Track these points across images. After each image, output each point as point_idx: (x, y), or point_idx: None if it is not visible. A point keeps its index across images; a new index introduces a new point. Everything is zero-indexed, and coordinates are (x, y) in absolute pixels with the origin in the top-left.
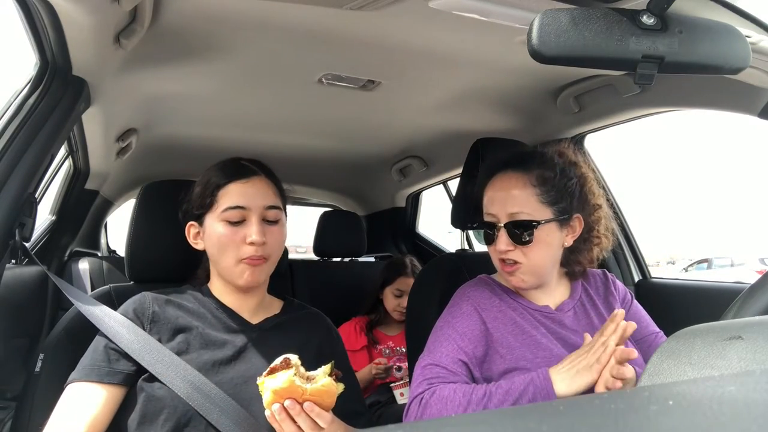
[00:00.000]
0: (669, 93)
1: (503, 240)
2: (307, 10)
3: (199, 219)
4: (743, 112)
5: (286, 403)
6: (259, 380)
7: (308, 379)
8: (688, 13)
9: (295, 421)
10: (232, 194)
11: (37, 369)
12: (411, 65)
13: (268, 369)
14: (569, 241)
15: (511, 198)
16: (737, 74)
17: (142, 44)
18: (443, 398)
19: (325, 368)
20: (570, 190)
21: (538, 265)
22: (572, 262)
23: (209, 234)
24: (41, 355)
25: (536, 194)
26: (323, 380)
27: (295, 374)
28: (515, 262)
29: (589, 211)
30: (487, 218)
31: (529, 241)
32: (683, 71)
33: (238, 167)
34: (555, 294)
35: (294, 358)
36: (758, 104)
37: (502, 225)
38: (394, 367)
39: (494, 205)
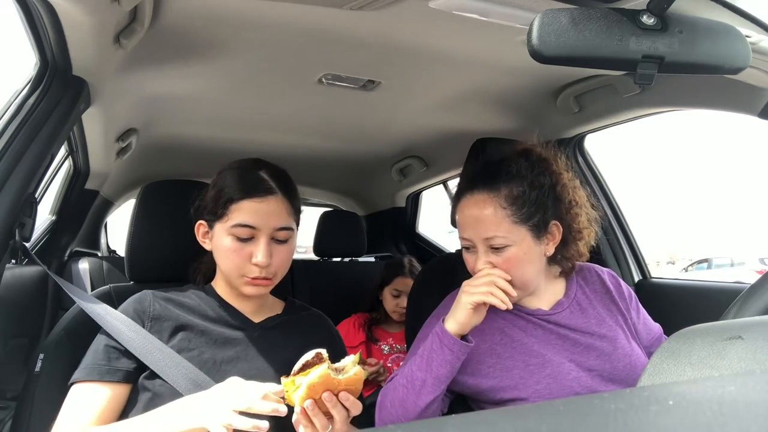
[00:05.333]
0: (669, 93)
1: (481, 263)
2: (307, 10)
3: (209, 223)
4: (743, 112)
5: (325, 395)
6: (287, 379)
7: (337, 370)
8: (688, 13)
9: (324, 413)
10: (244, 212)
11: (37, 369)
12: (411, 65)
13: (301, 365)
14: (551, 250)
15: (483, 223)
16: (737, 74)
17: (142, 44)
18: (388, 386)
19: (354, 358)
20: (543, 201)
21: (523, 281)
22: (559, 260)
23: (216, 242)
24: (41, 355)
25: (508, 215)
26: (354, 369)
27: (328, 368)
28: None
29: (565, 208)
30: (462, 243)
31: (507, 263)
32: (683, 71)
33: (255, 182)
34: (547, 295)
35: (324, 352)
36: (758, 104)
37: (479, 250)
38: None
39: (467, 230)
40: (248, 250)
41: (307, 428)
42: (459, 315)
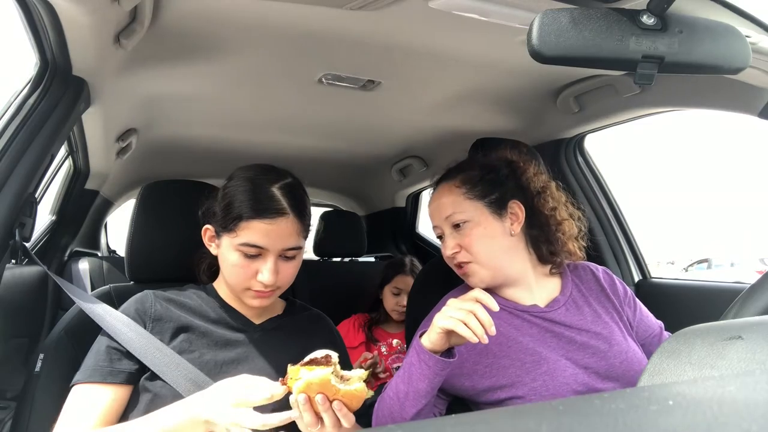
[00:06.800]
0: (669, 93)
1: (448, 244)
2: (307, 10)
3: (217, 232)
4: (743, 112)
5: (318, 398)
6: (293, 366)
7: (342, 378)
8: (688, 13)
9: (316, 413)
10: (254, 232)
11: (37, 369)
12: (411, 65)
13: (308, 359)
14: (516, 229)
15: (442, 205)
16: (737, 74)
17: (142, 44)
18: (381, 397)
19: (362, 374)
20: (499, 181)
21: (487, 258)
22: (547, 255)
23: (223, 253)
24: (41, 355)
25: (462, 193)
26: (357, 384)
27: (333, 373)
28: (466, 262)
29: (531, 195)
30: (435, 233)
31: (469, 238)
32: (683, 71)
33: (268, 201)
34: (541, 292)
35: (334, 356)
36: (758, 104)
37: (445, 233)
38: (393, 367)
39: (434, 217)
40: (255, 266)
41: (297, 419)
42: (432, 335)
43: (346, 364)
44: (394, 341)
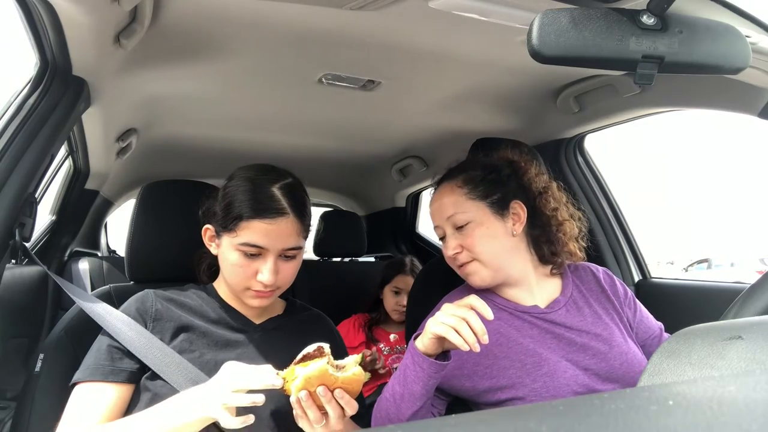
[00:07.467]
0: (669, 93)
1: (450, 245)
2: (307, 10)
3: (217, 231)
4: (743, 112)
5: (319, 390)
6: (286, 369)
7: (338, 367)
8: (688, 13)
9: (319, 408)
10: (254, 232)
11: (37, 369)
12: (411, 65)
13: (301, 356)
14: (518, 229)
15: (444, 205)
16: (737, 74)
17: (142, 44)
18: (379, 398)
19: (356, 358)
20: (501, 181)
21: (489, 258)
22: (548, 256)
23: (223, 254)
24: (41, 355)
25: (464, 193)
26: (354, 369)
27: (327, 363)
28: (468, 262)
29: (533, 195)
30: (437, 233)
31: (471, 239)
32: (683, 71)
33: (268, 201)
34: (542, 292)
35: (326, 347)
36: (758, 104)
37: (447, 233)
38: (393, 366)
39: (435, 218)
40: (255, 266)
41: (301, 419)
42: (425, 339)
43: None
44: (391, 336)
